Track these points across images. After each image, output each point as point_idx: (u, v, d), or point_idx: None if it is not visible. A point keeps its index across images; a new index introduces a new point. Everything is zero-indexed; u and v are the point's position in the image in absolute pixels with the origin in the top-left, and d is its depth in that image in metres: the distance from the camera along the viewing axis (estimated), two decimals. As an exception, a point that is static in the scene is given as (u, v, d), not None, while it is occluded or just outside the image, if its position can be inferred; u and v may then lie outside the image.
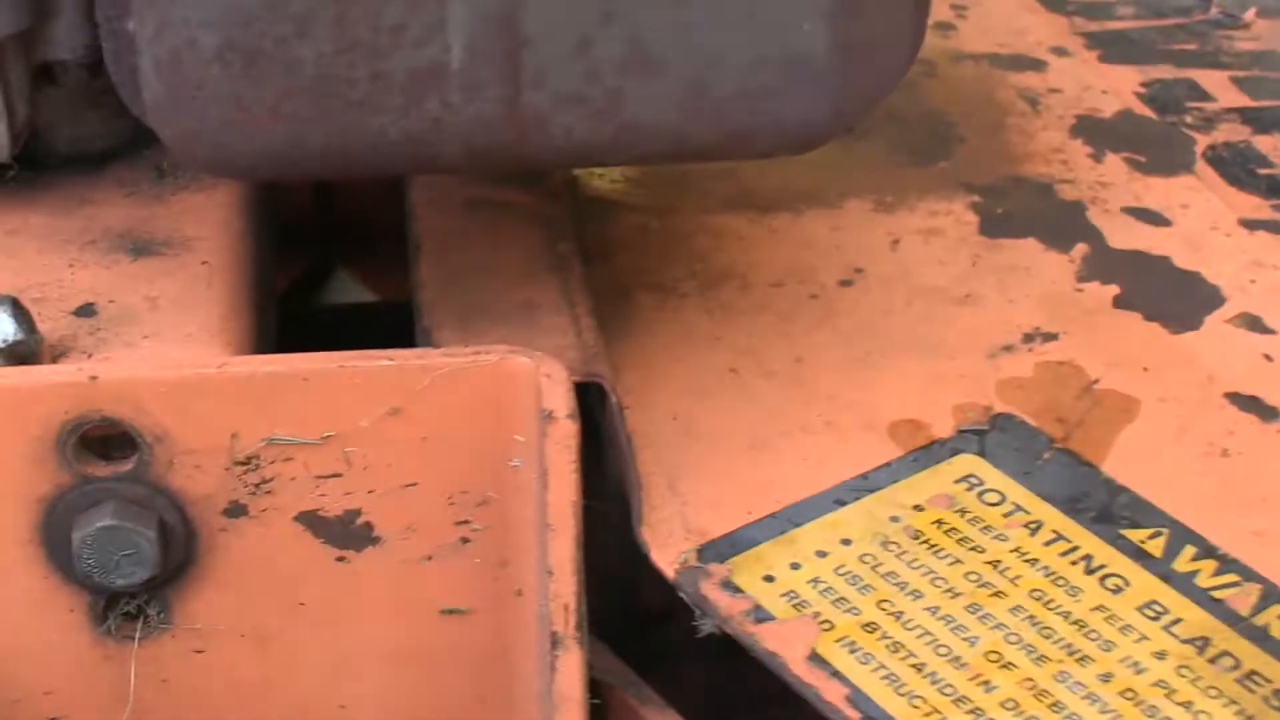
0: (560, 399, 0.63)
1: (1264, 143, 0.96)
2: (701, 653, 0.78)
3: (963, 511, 0.68)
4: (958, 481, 0.70)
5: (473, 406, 0.65)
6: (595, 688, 0.67)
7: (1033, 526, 0.67)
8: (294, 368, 0.64)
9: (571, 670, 0.64)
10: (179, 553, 0.67)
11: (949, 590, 0.65)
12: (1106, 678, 0.61)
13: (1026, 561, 0.66)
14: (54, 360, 0.68)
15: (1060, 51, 1.06)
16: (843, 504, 0.69)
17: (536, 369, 0.64)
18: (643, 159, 0.64)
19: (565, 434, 0.63)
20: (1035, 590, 0.65)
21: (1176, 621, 0.63)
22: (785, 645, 0.62)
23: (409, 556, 0.68)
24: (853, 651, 0.62)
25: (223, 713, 0.71)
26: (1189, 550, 0.66)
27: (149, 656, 0.69)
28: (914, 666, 0.61)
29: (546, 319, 0.73)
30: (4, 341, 0.65)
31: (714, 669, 0.78)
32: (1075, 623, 0.63)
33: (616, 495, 0.72)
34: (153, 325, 0.71)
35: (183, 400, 0.64)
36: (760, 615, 0.63)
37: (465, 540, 0.68)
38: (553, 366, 0.64)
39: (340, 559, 0.68)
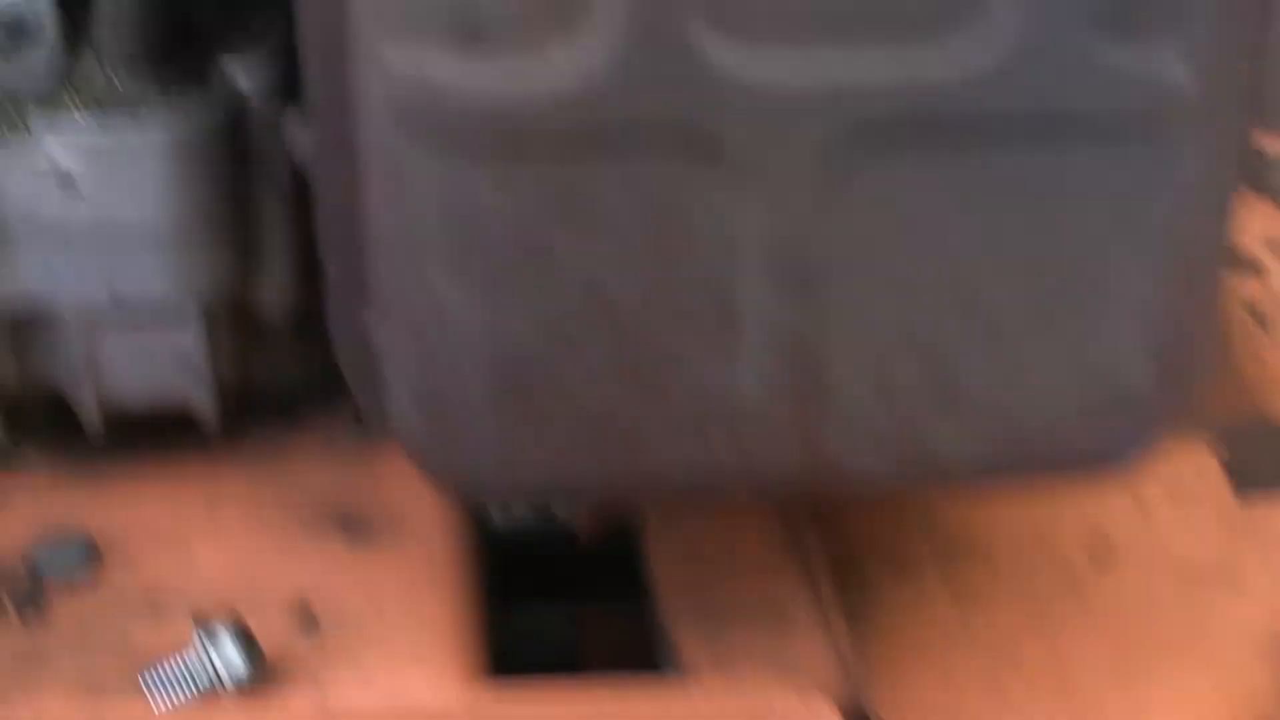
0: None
1: None
2: None
3: None
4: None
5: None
6: None
7: None
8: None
9: None
10: None
11: None
12: None
13: None
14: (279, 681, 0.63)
15: (1280, 248, 1.00)
16: None
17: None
18: (934, 487, 0.59)
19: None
20: None
21: None
22: None
23: None
24: None
25: None
26: None
27: None
28: None
29: (798, 626, 0.67)
30: (236, 682, 0.60)
31: None
32: None
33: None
34: (378, 637, 0.65)
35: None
36: None
37: None
38: (821, 707, 0.59)
39: None
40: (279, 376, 0.76)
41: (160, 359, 0.69)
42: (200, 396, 0.70)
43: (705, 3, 0.47)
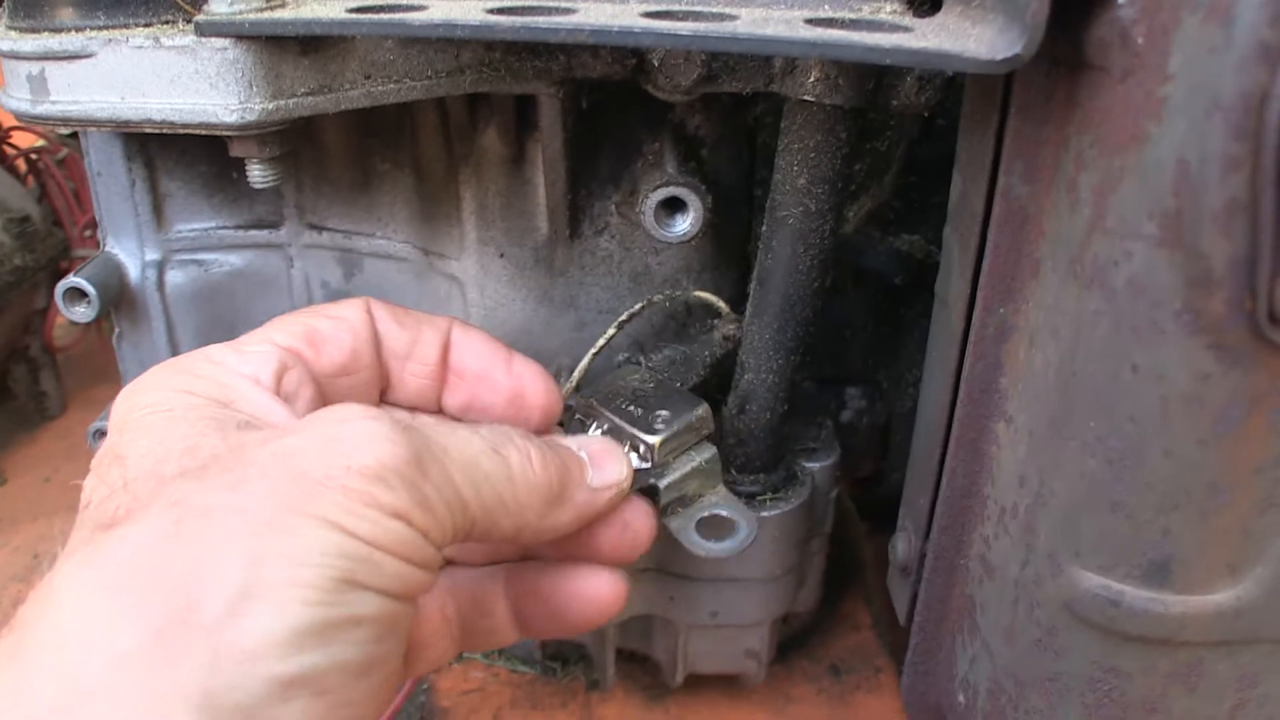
0: None
1: None
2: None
3: None
4: None
5: None
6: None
7: None
8: None
9: None
10: None
11: None
12: None
13: None
14: None
15: None
16: None
17: None
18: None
19: None
20: None
21: None
22: None
23: None
24: None
25: None
26: None
27: None
28: None
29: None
30: None
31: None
32: None
33: None
34: None
35: None
36: None
37: None
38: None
39: None
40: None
41: (731, 647, 0.98)
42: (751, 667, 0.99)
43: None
